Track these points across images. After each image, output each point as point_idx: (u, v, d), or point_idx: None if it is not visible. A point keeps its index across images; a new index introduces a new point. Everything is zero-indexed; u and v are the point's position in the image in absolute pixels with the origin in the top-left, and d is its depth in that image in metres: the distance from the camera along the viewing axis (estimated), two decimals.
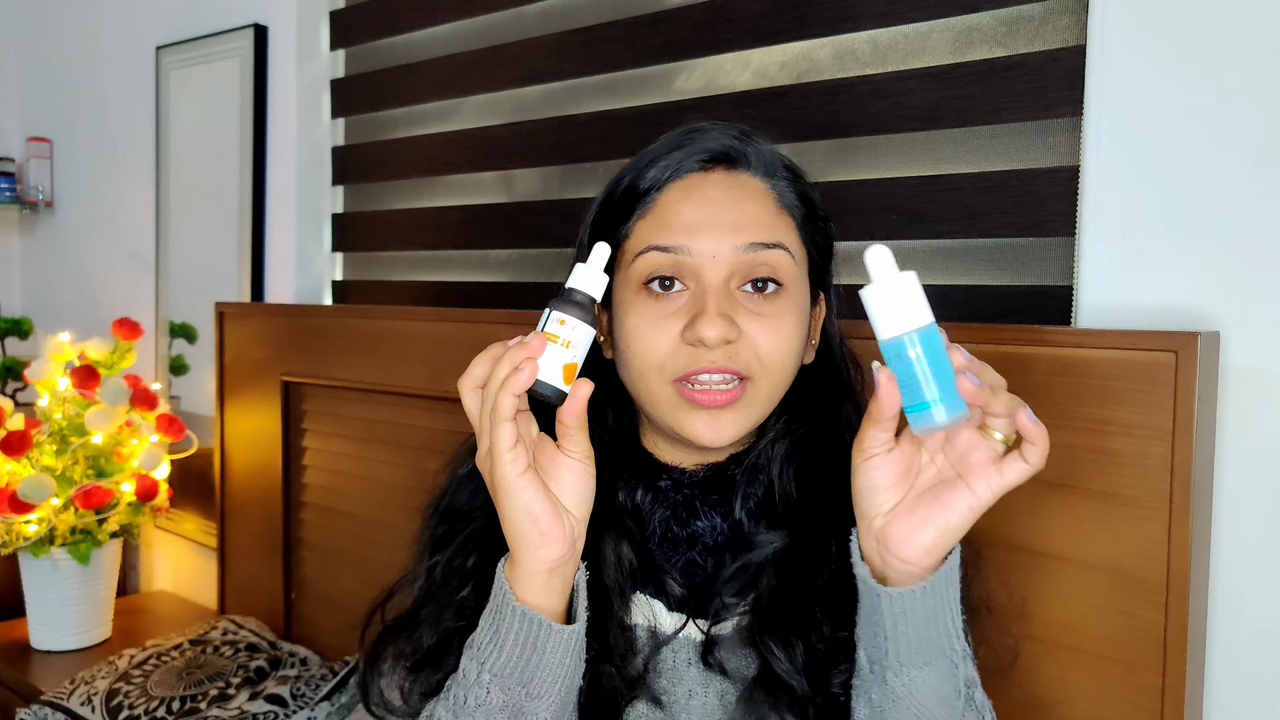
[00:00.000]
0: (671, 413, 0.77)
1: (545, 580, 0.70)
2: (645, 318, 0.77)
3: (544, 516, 0.68)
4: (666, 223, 0.77)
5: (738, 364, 0.75)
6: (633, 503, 0.82)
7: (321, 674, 1.63)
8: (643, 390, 0.78)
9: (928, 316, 0.63)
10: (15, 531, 1.75)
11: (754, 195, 0.78)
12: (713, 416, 0.75)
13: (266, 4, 2.02)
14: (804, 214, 0.81)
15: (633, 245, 0.79)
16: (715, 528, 0.82)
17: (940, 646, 0.69)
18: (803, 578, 0.78)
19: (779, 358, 0.76)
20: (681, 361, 0.75)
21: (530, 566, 0.69)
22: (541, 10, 1.65)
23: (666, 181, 0.79)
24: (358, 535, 1.72)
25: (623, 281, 0.80)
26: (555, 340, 0.68)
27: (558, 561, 0.69)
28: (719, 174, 0.79)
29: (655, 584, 0.81)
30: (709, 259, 0.75)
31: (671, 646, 0.80)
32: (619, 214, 0.81)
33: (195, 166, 2.20)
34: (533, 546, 0.69)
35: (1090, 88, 1.06)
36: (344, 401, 1.74)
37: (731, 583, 0.80)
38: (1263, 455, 0.97)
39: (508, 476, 0.67)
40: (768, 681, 0.77)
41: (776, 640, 0.76)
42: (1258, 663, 0.98)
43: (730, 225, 0.76)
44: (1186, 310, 1.00)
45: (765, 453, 0.83)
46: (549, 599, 0.70)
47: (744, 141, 0.81)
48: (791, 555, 0.79)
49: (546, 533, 0.68)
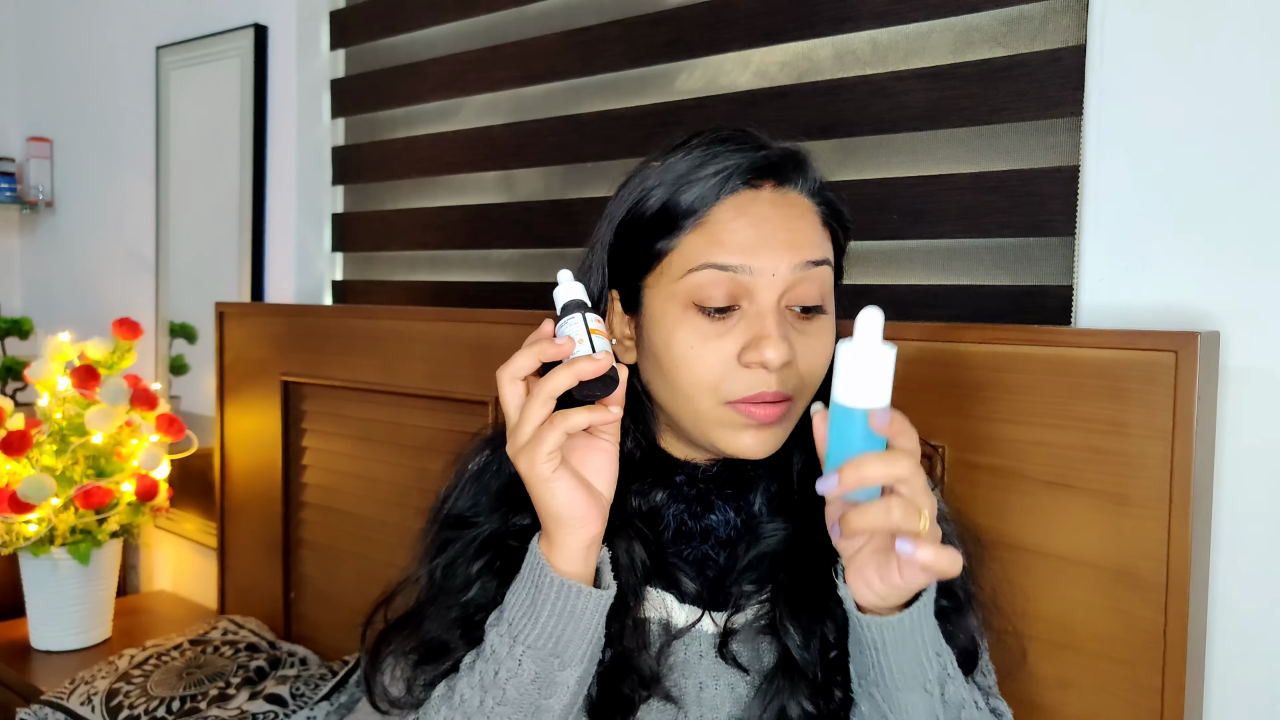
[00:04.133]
0: (715, 429, 0.78)
1: (583, 555, 0.74)
2: (696, 336, 0.77)
3: (581, 504, 0.72)
4: (721, 239, 0.77)
5: (788, 386, 0.76)
6: (648, 506, 0.83)
7: (321, 674, 1.63)
8: (687, 409, 0.78)
9: (885, 400, 0.64)
10: (15, 531, 1.75)
11: (804, 212, 0.79)
12: (759, 432, 0.77)
13: (266, 4, 2.02)
14: (837, 228, 0.82)
15: (681, 259, 0.78)
16: (729, 521, 0.83)
17: (916, 676, 0.71)
18: (816, 565, 0.79)
19: (817, 374, 0.78)
20: (741, 385, 0.76)
21: (569, 546, 0.73)
22: (542, 10, 1.65)
23: (717, 198, 0.78)
24: (357, 535, 1.72)
25: (666, 295, 0.79)
26: (601, 334, 0.74)
27: (594, 539, 0.74)
28: (769, 191, 0.79)
29: (667, 578, 0.82)
30: (768, 277, 0.76)
31: (684, 640, 0.81)
32: (661, 226, 0.79)
33: (195, 166, 2.21)
34: (571, 530, 0.73)
35: (1090, 88, 1.06)
36: (344, 401, 1.74)
37: (748, 572, 0.81)
38: (1263, 455, 0.97)
39: (545, 477, 0.71)
40: (788, 669, 0.78)
41: (797, 627, 0.78)
42: (1257, 662, 0.98)
43: (786, 243, 0.77)
44: (1186, 310, 1.00)
45: (784, 450, 0.83)
46: (585, 569, 0.74)
47: (793, 160, 0.81)
48: (803, 543, 0.80)
49: (584, 517, 0.72)
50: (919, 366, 1.09)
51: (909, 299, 1.24)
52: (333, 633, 1.79)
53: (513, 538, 0.82)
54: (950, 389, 1.07)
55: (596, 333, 0.73)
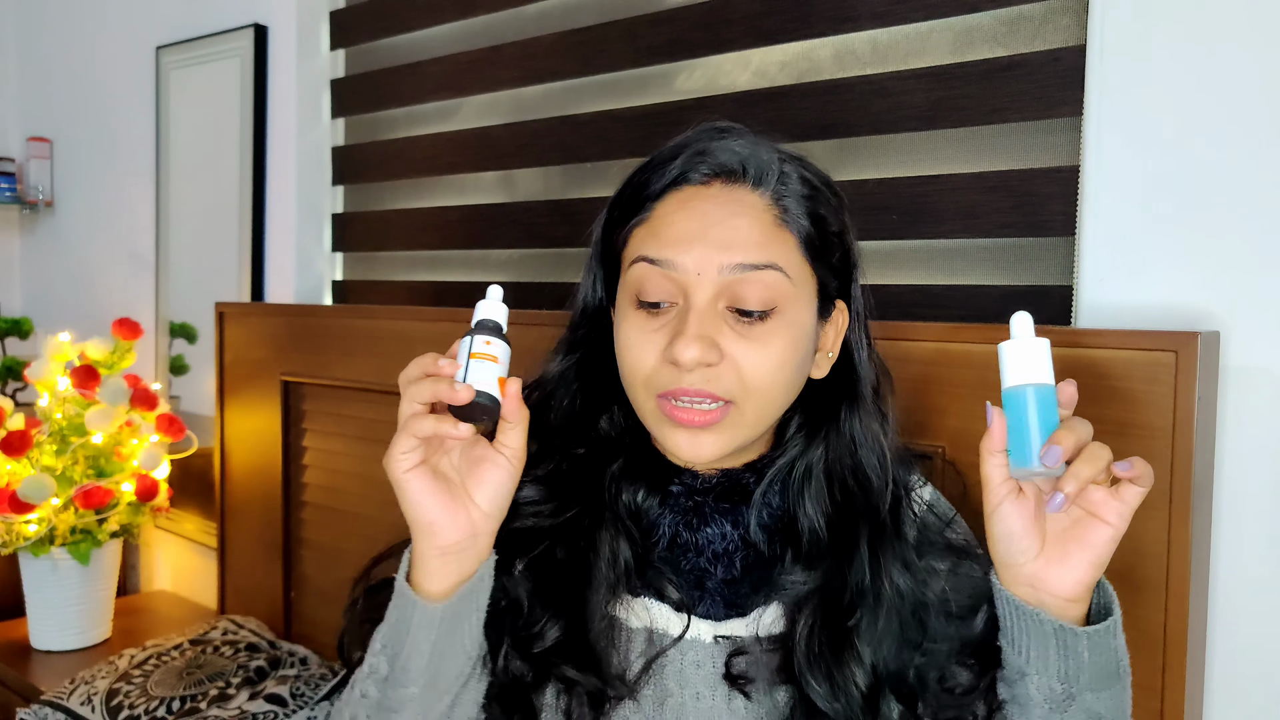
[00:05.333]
0: (656, 425, 0.78)
1: (436, 563, 0.74)
2: (634, 329, 0.77)
3: (431, 510, 0.73)
4: (658, 233, 0.77)
5: (717, 387, 0.74)
6: (636, 504, 0.82)
7: (321, 674, 1.63)
8: (633, 399, 0.80)
9: (1049, 378, 0.70)
10: (15, 531, 1.75)
11: (748, 211, 0.76)
12: (693, 435, 0.76)
13: (266, 4, 2.02)
14: (812, 232, 0.78)
15: (628, 252, 0.79)
16: (725, 535, 0.81)
17: (1122, 668, 0.74)
18: (839, 613, 0.78)
19: (765, 380, 0.75)
20: (664, 379, 0.75)
21: (419, 550, 0.74)
22: (542, 10, 1.65)
23: (665, 191, 0.78)
24: (357, 535, 1.72)
25: (621, 287, 0.80)
26: (485, 358, 0.74)
27: (447, 549, 0.74)
28: (717, 187, 0.77)
29: (656, 588, 0.81)
30: (694, 276, 0.75)
31: (679, 649, 0.80)
32: (623, 216, 0.81)
33: (195, 166, 2.20)
34: (420, 535, 0.74)
35: (1090, 88, 1.06)
36: (344, 401, 1.74)
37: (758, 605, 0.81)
38: (1263, 455, 0.97)
39: (396, 477, 0.73)
40: (810, 714, 0.77)
41: (819, 677, 0.77)
42: (1258, 661, 0.98)
43: (719, 243, 0.75)
44: (1186, 310, 1.00)
45: (783, 470, 0.82)
46: (437, 581, 0.74)
47: (749, 155, 0.78)
48: (825, 592, 0.79)
49: (433, 523, 0.73)
50: (919, 366, 1.09)
51: (909, 299, 1.24)
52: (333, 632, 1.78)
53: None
54: (950, 389, 1.07)
55: (481, 357, 0.73)
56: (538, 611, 0.80)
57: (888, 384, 0.86)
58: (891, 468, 0.82)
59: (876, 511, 0.80)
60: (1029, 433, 0.68)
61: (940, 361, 1.08)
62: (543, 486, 0.83)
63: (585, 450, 0.84)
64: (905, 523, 0.82)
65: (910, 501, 0.84)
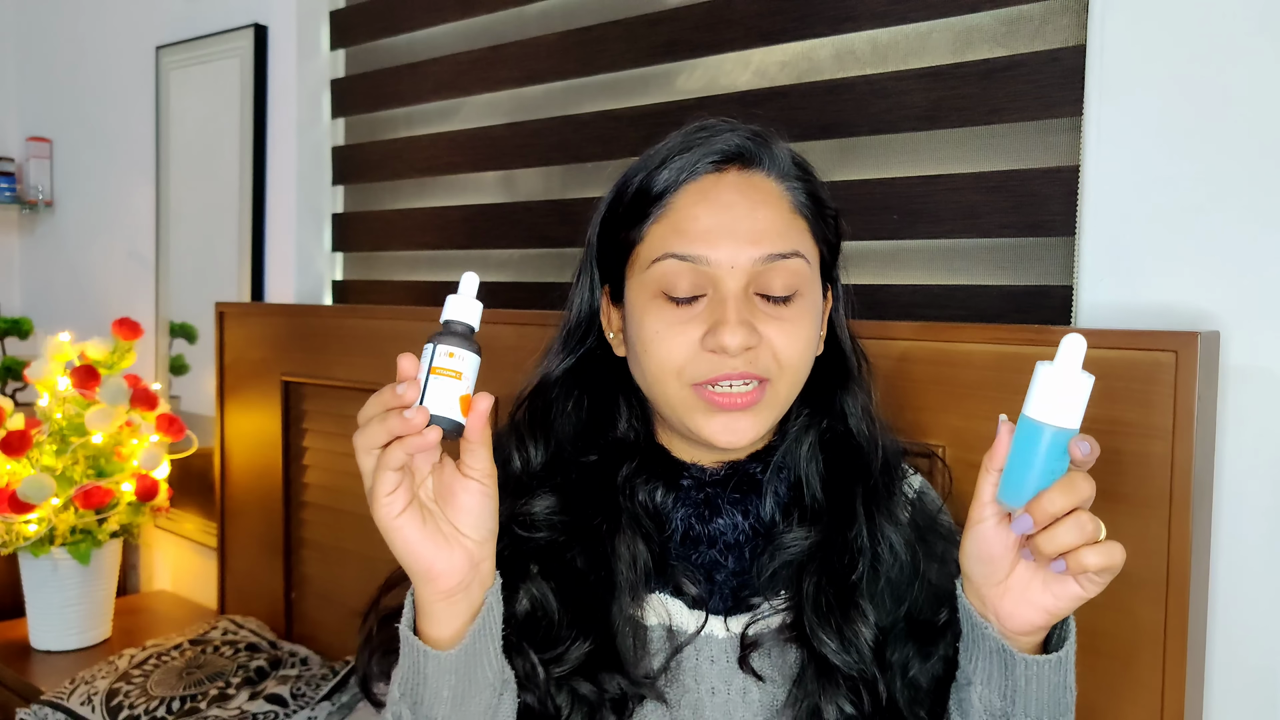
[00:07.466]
0: (689, 414, 0.78)
1: (442, 607, 0.71)
2: (662, 323, 0.77)
3: (427, 556, 0.68)
4: (682, 228, 0.77)
5: (758, 368, 0.76)
6: (654, 503, 0.83)
7: (322, 674, 1.63)
8: (659, 393, 0.79)
9: (1075, 423, 0.65)
10: (15, 531, 1.75)
11: (769, 199, 0.79)
12: (731, 419, 0.77)
13: (266, 4, 2.02)
14: (815, 213, 0.82)
15: (648, 250, 0.79)
16: (737, 525, 0.82)
17: (1063, 704, 0.73)
18: (841, 570, 0.80)
19: (797, 359, 0.78)
20: (703, 368, 0.76)
21: (423, 596, 0.71)
22: (542, 10, 1.65)
23: (681, 183, 0.79)
24: (358, 534, 1.72)
25: (638, 285, 0.80)
26: (446, 374, 0.67)
27: (452, 591, 0.70)
28: (733, 175, 0.79)
29: (673, 583, 0.82)
30: (726, 269, 0.76)
31: (694, 645, 0.81)
32: (632, 216, 0.81)
33: (195, 166, 2.20)
34: (421, 581, 0.70)
35: (1090, 88, 1.06)
36: (344, 401, 1.74)
37: (772, 582, 0.81)
38: (1263, 455, 0.97)
39: (387, 524, 0.68)
40: (822, 673, 0.78)
41: (830, 633, 0.78)
42: (1258, 660, 0.98)
43: (748, 235, 0.76)
44: (1186, 310, 1.00)
45: (792, 450, 0.84)
46: (446, 626, 0.71)
47: (758, 141, 0.80)
48: (826, 550, 0.81)
49: (430, 569, 0.69)
50: (919, 366, 1.09)
51: (909, 299, 1.24)
52: (334, 633, 1.79)
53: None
54: (950, 389, 1.08)
55: (442, 373, 0.67)
56: (564, 630, 0.79)
57: (867, 367, 0.89)
58: (880, 435, 0.85)
59: (869, 473, 0.83)
60: (1028, 474, 0.65)
61: (940, 361, 1.08)
62: (559, 496, 0.83)
63: (598, 457, 0.85)
64: (896, 485, 0.85)
65: (901, 474, 0.87)
